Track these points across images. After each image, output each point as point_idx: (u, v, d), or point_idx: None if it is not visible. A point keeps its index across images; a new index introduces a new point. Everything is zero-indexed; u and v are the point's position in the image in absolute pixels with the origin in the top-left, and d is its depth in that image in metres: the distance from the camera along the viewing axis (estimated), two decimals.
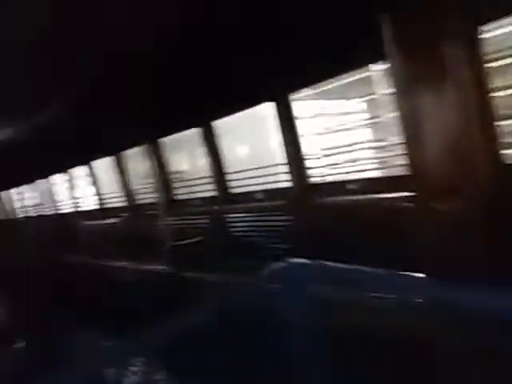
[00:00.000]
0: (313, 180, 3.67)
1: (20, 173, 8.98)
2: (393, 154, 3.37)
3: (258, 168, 4.40)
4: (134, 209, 5.90)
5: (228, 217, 4.22)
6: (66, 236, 7.10)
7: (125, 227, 5.69)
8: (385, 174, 3.43)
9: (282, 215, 3.75)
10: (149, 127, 4.65)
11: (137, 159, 5.82)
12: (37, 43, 3.29)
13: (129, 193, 6.00)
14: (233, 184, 4.52)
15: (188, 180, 5.28)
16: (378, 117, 4.70)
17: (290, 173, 3.70)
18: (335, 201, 3.37)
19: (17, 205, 10.75)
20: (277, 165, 4.36)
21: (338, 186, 3.50)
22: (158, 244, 4.28)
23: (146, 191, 5.52)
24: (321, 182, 3.63)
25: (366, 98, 3.93)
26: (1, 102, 5.01)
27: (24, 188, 9.86)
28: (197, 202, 4.83)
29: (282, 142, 3.68)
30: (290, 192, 3.72)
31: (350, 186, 3.45)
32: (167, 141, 5.29)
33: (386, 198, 2.99)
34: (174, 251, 4.05)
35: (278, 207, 3.81)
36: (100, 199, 6.88)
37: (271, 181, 4.42)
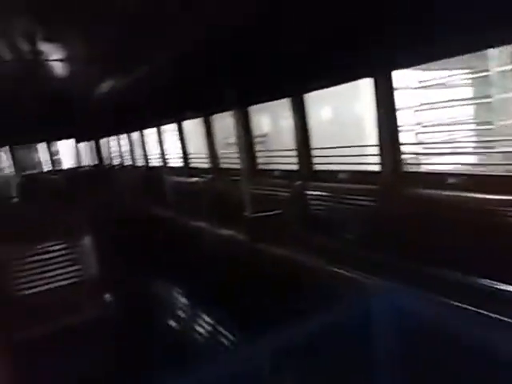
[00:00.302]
0: (407, 167, 3.41)
1: (119, 122, 9.70)
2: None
3: (346, 146, 4.22)
4: (217, 172, 6.08)
5: (310, 194, 4.14)
6: (151, 188, 7.60)
7: (207, 188, 5.90)
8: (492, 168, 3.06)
9: (367, 200, 3.57)
10: (242, 93, 4.63)
11: (226, 124, 5.92)
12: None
13: (214, 155, 6.17)
14: (318, 160, 4.40)
15: (273, 150, 5.27)
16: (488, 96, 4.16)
17: (382, 156, 3.47)
18: (431, 194, 3.10)
19: (110, 152, 11.73)
20: (368, 145, 4.13)
21: (437, 178, 3.21)
22: (237, 211, 4.37)
23: (231, 156, 5.63)
24: (416, 170, 3.37)
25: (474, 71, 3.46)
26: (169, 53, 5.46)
27: (119, 136, 10.67)
28: (279, 173, 4.81)
29: (377, 122, 3.43)
30: (380, 177, 3.51)
31: (451, 180, 3.14)
32: (257, 108, 5.26)
33: (494, 199, 2.67)
34: (252, 221, 4.11)
35: (363, 191, 3.63)
36: (186, 157, 7.20)
37: (359, 162, 4.25)
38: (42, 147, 12.19)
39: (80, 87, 9.36)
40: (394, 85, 3.28)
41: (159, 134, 7.89)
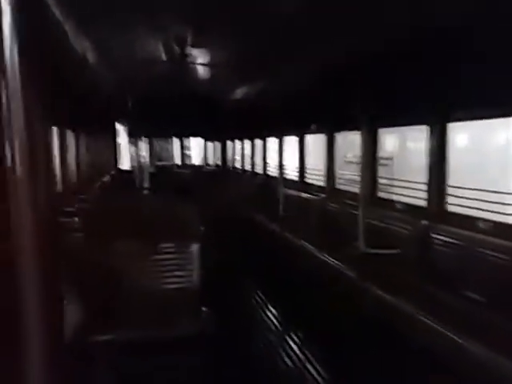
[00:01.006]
0: None
1: (247, 127, 10.06)
2: None
3: (492, 191, 3.51)
4: (333, 192, 5.78)
5: (436, 238, 3.56)
6: (266, 197, 7.64)
7: (319, 208, 5.64)
8: None
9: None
10: (374, 115, 4.29)
11: (349, 141, 5.59)
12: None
13: (332, 174, 5.88)
14: (453, 200, 3.77)
15: (397, 179, 4.74)
16: None
17: None
18: None
19: (234, 155, 12.27)
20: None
21: None
22: (347, 240, 4.03)
23: (350, 178, 5.27)
24: None
25: None
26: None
27: (244, 141, 11.07)
28: (403, 207, 4.28)
29: None
30: None
31: None
32: (386, 133, 4.82)
33: None
34: (362, 256, 3.72)
35: (508, 250, 2.94)
36: (303, 172, 7.04)
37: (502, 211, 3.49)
38: (176, 142, 13.41)
39: (216, 90, 10.04)
40: None
41: (281, 144, 7.91)
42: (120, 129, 12.21)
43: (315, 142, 6.68)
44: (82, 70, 5.70)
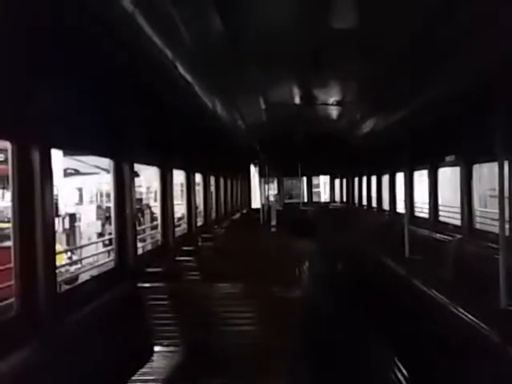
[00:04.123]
0: None
1: (374, 163, 9.60)
2: None
3: None
4: (471, 232, 4.89)
5: None
6: (393, 237, 6.95)
7: (454, 252, 4.81)
8: None
9: None
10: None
11: (491, 174, 4.74)
12: None
13: (469, 212, 5.01)
14: None
15: None
16: None
17: None
18: None
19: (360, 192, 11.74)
20: None
21: None
22: (484, 289, 3.26)
23: (492, 216, 4.40)
24: None
25: None
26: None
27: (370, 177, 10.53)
28: None
29: None
30: None
31: None
32: None
33: None
34: (506, 314, 2.93)
35: None
36: (436, 208, 6.22)
37: None
38: (304, 180, 13.62)
39: (341, 128, 9.92)
40: None
41: (409, 178, 7.23)
42: (254, 171, 13.04)
43: (452, 176, 5.90)
44: (218, 123, 6.29)
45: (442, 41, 3.77)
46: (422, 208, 6.87)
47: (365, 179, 11.04)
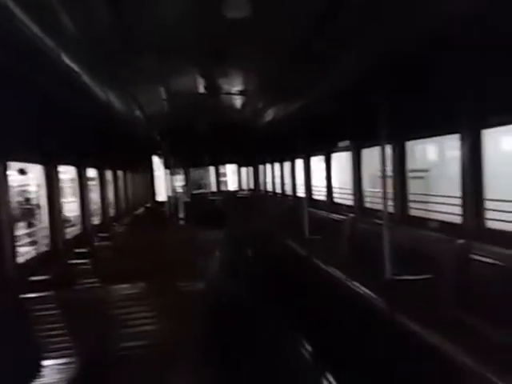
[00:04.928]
0: None
1: (274, 151, 9.98)
2: None
3: None
4: (361, 211, 5.40)
5: (476, 260, 3.10)
6: (295, 219, 7.35)
7: (347, 230, 5.27)
8: None
9: None
10: (399, 127, 4.00)
11: (375, 161, 5.25)
12: None
13: (360, 192, 5.52)
14: (493, 215, 3.30)
15: (432, 195, 4.33)
16: None
17: None
18: None
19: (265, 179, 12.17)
20: None
21: None
22: (376, 267, 3.64)
23: (379, 196, 4.89)
24: None
25: None
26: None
27: (274, 165, 10.95)
28: (438, 225, 3.84)
29: None
30: None
31: None
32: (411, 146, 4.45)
33: None
34: (392, 284, 3.31)
35: None
36: (331, 191, 6.73)
37: None
38: (211, 170, 13.60)
39: (245, 117, 10.08)
40: None
41: (307, 164, 7.67)
42: (158, 162, 12.59)
43: (346, 160, 6.40)
44: (112, 114, 5.88)
45: (331, 37, 4.01)
46: (321, 191, 7.36)
47: (269, 166, 11.45)
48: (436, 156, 8.03)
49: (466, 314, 2.84)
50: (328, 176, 6.72)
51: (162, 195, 12.44)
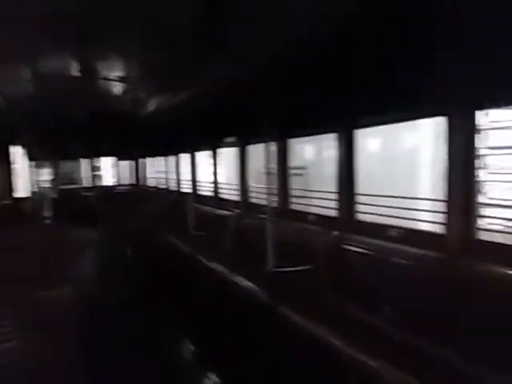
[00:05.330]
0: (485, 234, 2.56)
1: (158, 144, 9.52)
2: None
3: (402, 197, 3.42)
4: (246, 207, 5.46)
5: (348, 249, 3.36)
6: (179, 214, 7.11)
7: (232, 226, 5.27)
8: None
9: (424, 269, 2.74)
10: (283, 125, 4.10)
11: (260, 157, 5.35)
12: None
13: (245, 188, 5.58)
14: (363, 209, 3.62)
15: (310, 191, 4.57)
16: None
17: (449, 215, 2.67)
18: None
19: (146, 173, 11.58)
20: (431, 200, 3.32)
21: None
22: (258, 260, 3.68)
23: (263, 191, 5.00)
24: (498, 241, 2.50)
25: None
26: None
27: (157, 159, 10.48)
28: (315, 218, 4.07)
29: (447, 173, 2.66)
30: (444, 243, 2.69)
31: None
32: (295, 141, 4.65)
33: None
34: (273, 276, 3.38)
35: (420, 257, 2.80)
36: (217, 187, 6.68)
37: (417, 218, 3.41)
38: (84, 163, 12.34)
39: (126, 106, 9.36)
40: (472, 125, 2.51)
41: (193, 159, 7.49)
42: (19, 153, 10.87)
43: (232, 156, 6.39)
44: None
45: (218, 27, 3.89)
46: (208, 187, 7.25)
47: (152, 160, 10.91)
48: (313, 155, 8.64)
49: (342, 300, 3.04)
50: (214, 171, 6.64)
51: (24, 191, 10.78)
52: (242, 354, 3.28)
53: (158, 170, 10.60)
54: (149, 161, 11.47)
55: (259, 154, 5.49)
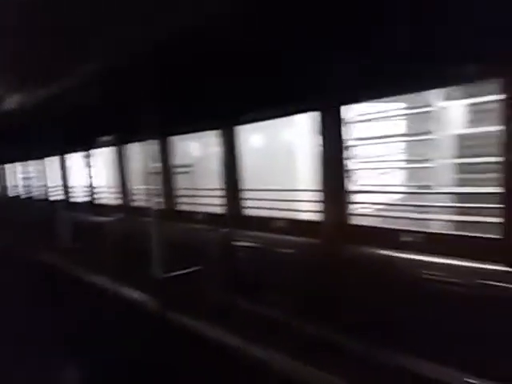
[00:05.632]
0: (356, 218, 2.79)
1: (23, 146, 8.35)
2: None
3: (282, 190, 3.55)
4: (129, 211, 5.09)
5: (237, 245, 3.36)
6: (49, 226, 6.32)
7: (113, 232, 4.85)
8: None
9: (305, 257, 2.88)
10: (164, 121, 3.89)
11: (141, 156, 5.04)
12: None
13: (126, 191, 5.19)
14: (249, 204, 3.66)
15: (196, 189, 4.45)
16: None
17: (325, 203, 2.84)
18: (383, 256, 2.49)
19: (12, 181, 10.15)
20: (306, 190, 3.50)
21: (387, 235, 2.62)
22: (146, 266, 3.44)
23: (146, 193, 4.71)
24: (368, 224, 2.75)
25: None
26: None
27: (22, 165, 9.20)
28: (203, 217, 3.98)
29: (321, 164, 2.82)
30: (321, 229, 2.85)
31: (405, 238, 2.57)
32: (178, 139, 4.48)
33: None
34: (162, 282, 3.20)
35: (301, 245, 2.94)
36: (93, 192, 6.10)
37: (296, 209, 3.58)
38: None
39: None
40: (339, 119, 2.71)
41: (63, 163, 6.74)
42: None
43: (110, 156, 5.88)
44: None
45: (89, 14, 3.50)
46: (85, 192, 6.57)
47: (11, 166, 9.54)
48: (199, 151, 8.52)
49: (234, 296, 3.02)
50: (90, 174, 6.05)
51: None
52: (129, 366, 3.03)
53: (25, 177, 9.28)
54: (12, 167, 9.98)
55: (145, 153, 5.17)
